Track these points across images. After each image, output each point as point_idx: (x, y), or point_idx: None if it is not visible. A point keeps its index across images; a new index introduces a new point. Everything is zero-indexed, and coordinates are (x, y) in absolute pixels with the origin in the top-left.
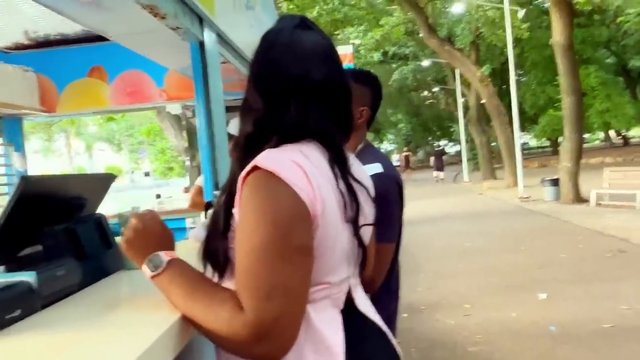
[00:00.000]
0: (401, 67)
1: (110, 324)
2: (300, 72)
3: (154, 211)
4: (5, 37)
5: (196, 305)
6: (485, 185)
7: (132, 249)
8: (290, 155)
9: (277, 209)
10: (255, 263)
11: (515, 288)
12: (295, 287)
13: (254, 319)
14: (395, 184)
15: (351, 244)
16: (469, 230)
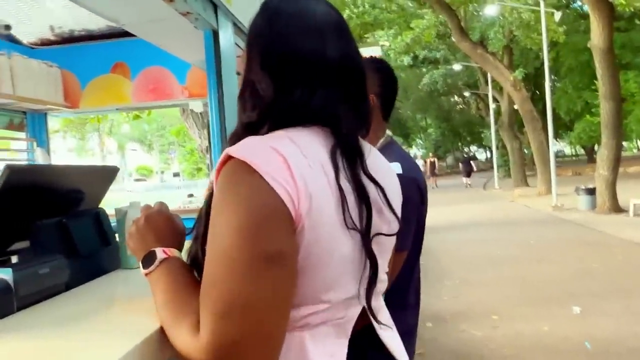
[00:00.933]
0: (431, 71)
1: (86, 330)
2: (314, 49)
3: (164, 204)
4: (32, 32)
5: (168, 315)
6: (516, 192)
7: (132, 243)
8: (272, 142)
9: (246, 207)
10: (216, 273)
11: (546, 300)
12: (263, 302)
13: (207, 342)
14: (415, 187)
15: (360, 257)
16: (498, 238)
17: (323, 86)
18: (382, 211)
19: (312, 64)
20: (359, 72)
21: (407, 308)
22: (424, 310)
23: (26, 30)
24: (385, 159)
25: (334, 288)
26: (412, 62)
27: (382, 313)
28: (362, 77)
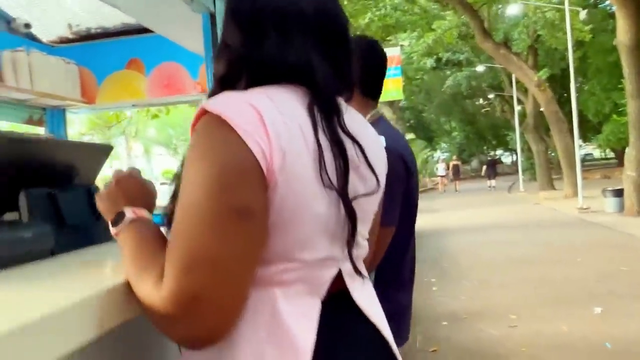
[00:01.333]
0: (455, 74)
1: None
2: (284, 2)
3: (135, 169)
4: (51, 31)
5: (133, 270)
6: (541, 195)
7: (103, 204)
8: (247, 97)
9: (217, 161)
10: (183, 225)
11: (567, 301)
12: (228, 257)
13: (169, 292)
14: (400, 161)
15: (336, 215)
16: (520, 240)
17: (297, 38)
18: (359, 169)
19: (284, 14)
20: (339, 29)
21: (400, 287)
22: (440, 309)
23: (45, 29)
24: (368, 124)
25: (308, 247)
26: (435, 64)
27: (362, 280)
28: (345, 36)
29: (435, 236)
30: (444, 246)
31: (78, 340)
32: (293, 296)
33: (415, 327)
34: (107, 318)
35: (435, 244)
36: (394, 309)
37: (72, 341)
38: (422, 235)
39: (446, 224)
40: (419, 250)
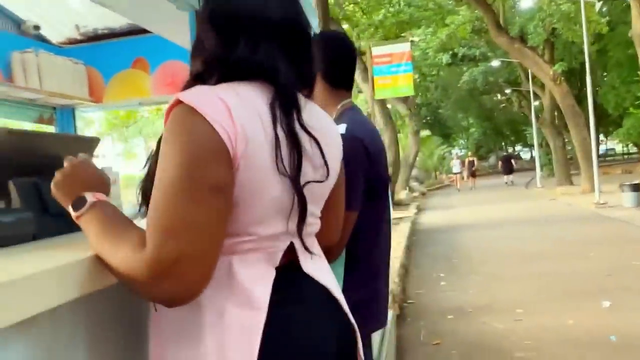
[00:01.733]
0: (471, 69)
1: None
2: (255, 7)
3: (86, 156)
4: (60, 32)
5: (105, 243)
6: (558, 190)
7: (59, 191)
8: (217, 91)
9: (190, 144)
10: (162, 199)
11: (576, 295)
12: (202, 226)
13: (152, 256)
14: (360, 146)
15: (289, 198)
16: (534, 235)
17: (265, 42)
18: (313, 159)
19: (254, 21)
20: (301, 33)
21: (374, 274)
22: (446, 304)
23: (54, 30)
24: (326, 116)
25: (262, 224)
26: (451, 60)
27: (313, 253)
28: (306, 39)
29: (448, 232)
30: (456, 242)
31: (54, 301)
32: (249, 263)
33: (420, 321)
34: (82, 284)
35: (448, 239)
36: (369, 295)
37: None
38: (435, 231)
39: (460, 220)
40: (431, 245)
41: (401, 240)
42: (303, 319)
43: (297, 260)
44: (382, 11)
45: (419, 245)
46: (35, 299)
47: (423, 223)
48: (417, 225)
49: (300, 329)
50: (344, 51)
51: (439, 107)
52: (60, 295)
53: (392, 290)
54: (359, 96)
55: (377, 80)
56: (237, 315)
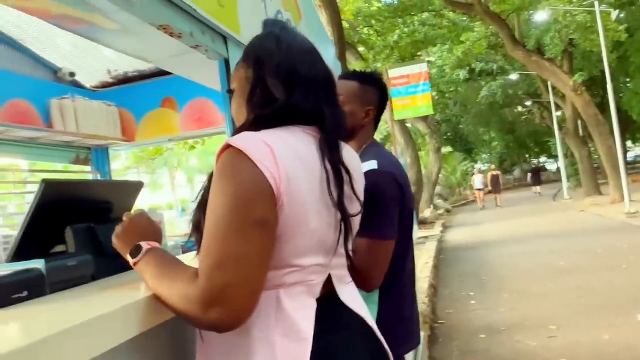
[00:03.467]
0: (489, 83)
1: (96, 299)
2: (307, 64)
3: (144, 210)
4: (93, 77)
5: (162, 282)
6: (587, 202)
7: (119, 242)
8: (263, 136)
9: (239, 183)
10: (213, 234)
11: (610, 309)
12: (249, 258)
13: (204, 286)
14: (392, 180)
15: (328, 231)
16: (563, 249)
17: (314, 92)
18: (349, 194)
19: (307, 75)
20: (333, 83)
21: (404, 297)
22: (478, 323)
23: (88, 75)
24: (355, 156)
25: (304, 256)
26: (469, 75)
27: (347, 283)
28: (334, 87)
29: (475, 249)
30: (484, 259)
31: (117, 340)
32: (294, 295)
33: (452, 341)
34: (142, 322)
35: (475, 257)
36: (400, 318)
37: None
38: (462, 248)
39: (487, 237)
40: (459, 263)
41: (428, 260)
42: (343, 348)
43: (333, 290)
44: (397, 32)
45: (446, 264)
46: (102, 339)
47: (450, 241)
48: (443, 244)
49: (341, 357)
50: (386, 97)
51: (459, 123)
52: (124, 334)
53: (422, 311)
54: None
55: (395, 101)
56: (286, 346)
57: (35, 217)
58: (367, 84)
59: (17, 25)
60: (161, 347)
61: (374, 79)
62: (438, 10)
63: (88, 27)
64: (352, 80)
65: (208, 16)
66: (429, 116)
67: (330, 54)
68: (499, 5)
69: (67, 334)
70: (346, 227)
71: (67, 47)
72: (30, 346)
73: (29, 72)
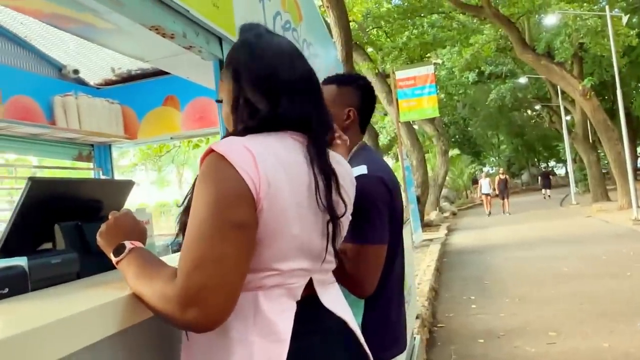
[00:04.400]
0: (498, 86)
1: (79, 296)
2: (287, 68)
3: (129, 210)
4: (97, 75)
5: (142, 281)
6: (594, 207)
7: (103, 240)
8: (244, 141)
9: (219, 187)
10: (193, 236)
11: (611, 316)
12: (227, 260)
13: (181, 286)
14: (381, 184)
15: (314, 237)
16: (568, 255)
17: (298, 100)
18: (336, 199)
19: (289, 80)
20: (317, 84)
21: (388, 302)
22: (477, 327)
23: (92, 73)
24: (345, 165)
25: (284, 260)
26: (478, 78)
27: (329, 285)
28: (320, 89)
29: (479, 253)
30: (488, 263)
31: (93, 337)
32: (273, 297)
33: (450, 345)
34: (121, 320)
35: (479, 260)
36: (385, 322)
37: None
38: (466, 252)
39: (492, 241)
40: (462, 267)
41: (431, 262)
42: (322, 350)
43: (315, 293)
44: (406, 33)
45: (449, 267)
46: (79, 335)
47: (454, 244)
48: (447, 247)
49: (317, 359)
50: (371, 98)
51: (467, 126)
52: (101, 331)
53: (421, 314)
54: (385, 118)
55: (401, 103)
56: (263, 347)
57: (21, 215)
58: (345, 85)
59: (22, 22)
60: (147, 343)
61: (352, 78)
62: (447, 12)
63: (82, 26)
64: (331, 83)
65: (202, 17)
66: (437, 118)
67: (331, 56)
68: (509, 8)
69: (42, 330)
70: (334, 231)
71: (72, 45)
72: (5, 340)
73: (33, 69)
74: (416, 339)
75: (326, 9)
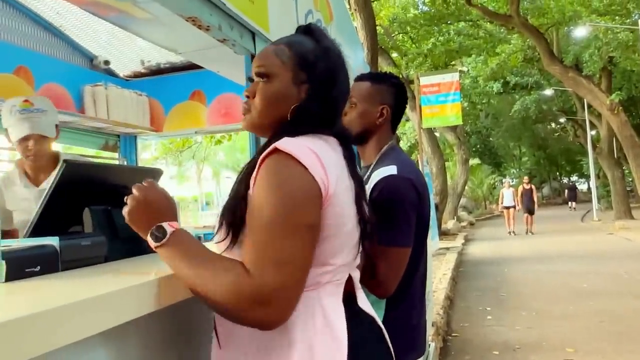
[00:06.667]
0: (523, 97)
1: (106, 279)
2: (347, 85)
3: (153, 182)
4: (127, 67)
5: (200, 272)
6: (616, 224)
7: (135, 220)
8: (307, 143)
9: (293, 187)
10: (268, 234)
11: (632, 336)
12: (300, 259)
13: (260, 283)
14: (410, 186)
15: (356, 233)
16: (588, 271)
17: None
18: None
19: (346, 94)
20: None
21: (410, 305)
22: (492, 339)
23: (122, 64)
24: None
25: (338, 254)
26: (502, 88)
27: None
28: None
29: (496, 264)
30: (505, 275)
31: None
32: (328, 293)
33: (464, 355)
34: (148, 303)
35: (496, 272)
36: (403, 325)
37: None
38: (483, 262)
39: (510, 253)
40: (478, 277)
41: (447, 271)
42: (367, 347)
43: (351, 292)
44: (432, 40)
45: (465, 277)
46: (107, 316)
47: (471, 254)
48: (464, 256)
49: (367, 356)
50: (404, 97)
51: (489, 136)
52: (128, 313)
53: (436, 322)
54: (406, 124)
55: (424, 109)
56: (324, 345)
57: (54, 196)
58: (380, 83)
59: (57, 12)
60: (171, 329)
61: (387, 77)
62: (475, 20)
63: (120, 15)
64: (365, 80)
65: (237, 11)
66: (459, 126)
67: (359, 58)
68: (538, 19)
69: (72, 307)
70: (365, 232)
71: (104, 36)
72: (36, 315)
73: (66, 58)
74: (431, 346)
75: (354, 11)
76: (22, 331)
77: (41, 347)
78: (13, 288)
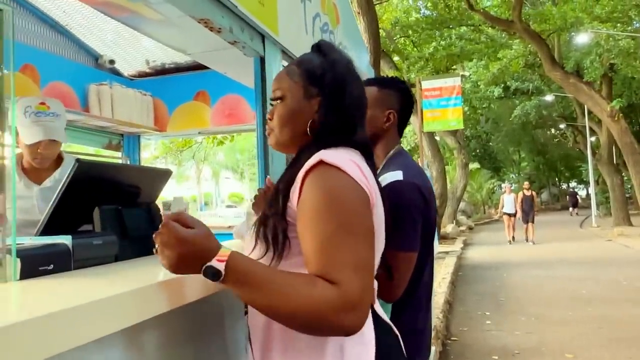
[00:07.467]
0: (523, 103)
1: (116, 279)
2: (365, 99)
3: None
4: (132, 66)
5: (277, 293)
6: (615, 231)
7: (180, 271)
8: (348, 155)
9: (351, 195)
10: (340, 241)
11: (630, 342)
12: (371, 262)
13: (346, 290)
14: (416, 191)
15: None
16: (587, 277)
17: (361, 122)
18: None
19: (359, 107)
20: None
21: (416, 309)
22: (491, 343)
23: (127, 64)
24: None
25: (376, 259)
26: (503, 93)
27: None
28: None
29: (495, 269)
30: (504, 280)
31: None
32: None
33: None
34: (159, 304)
35: (495, 276)
36: (409, 330)
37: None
38: (482, 267)
39: (509, 257)
40: (477, 282)
41: (446, 275)
42: (390, 352)
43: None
44: (433, 44)
45: (464, 281)
46: (120, 316)
47: (470, 258)
48: (463, 260)
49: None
50: (410, 102)
51: (489, 140)
52: (141, 314)
53: (436, 326)
54: (406, 127)
55: (426, 113)
56: (353, 349)
57: (66, 195)
58: (387, 88)
59: (64, 10)
60: (183, 328)
61: (394, 82)
62: (477, 25)
63: (131, 15)
64: (372, 85)
65: (248, 13)
66: (459, 131)
67: (364, 61)
68: (540, 25)
69: (86, 308)
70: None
71: (109, 35)
72: (50, 315)
73: (71, 57)
74: (431, 350)
75: (357, 14)
76: (40, 330)
77: (61, 345)
78: (28, 286)
